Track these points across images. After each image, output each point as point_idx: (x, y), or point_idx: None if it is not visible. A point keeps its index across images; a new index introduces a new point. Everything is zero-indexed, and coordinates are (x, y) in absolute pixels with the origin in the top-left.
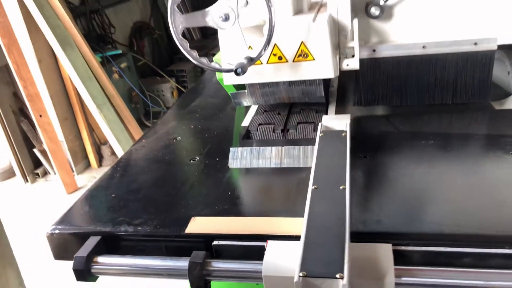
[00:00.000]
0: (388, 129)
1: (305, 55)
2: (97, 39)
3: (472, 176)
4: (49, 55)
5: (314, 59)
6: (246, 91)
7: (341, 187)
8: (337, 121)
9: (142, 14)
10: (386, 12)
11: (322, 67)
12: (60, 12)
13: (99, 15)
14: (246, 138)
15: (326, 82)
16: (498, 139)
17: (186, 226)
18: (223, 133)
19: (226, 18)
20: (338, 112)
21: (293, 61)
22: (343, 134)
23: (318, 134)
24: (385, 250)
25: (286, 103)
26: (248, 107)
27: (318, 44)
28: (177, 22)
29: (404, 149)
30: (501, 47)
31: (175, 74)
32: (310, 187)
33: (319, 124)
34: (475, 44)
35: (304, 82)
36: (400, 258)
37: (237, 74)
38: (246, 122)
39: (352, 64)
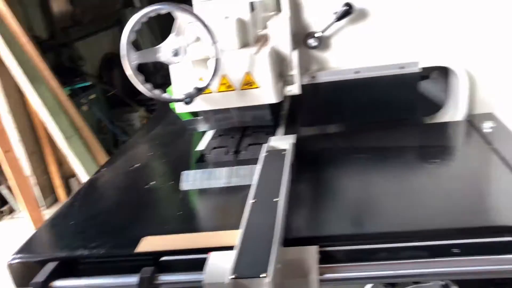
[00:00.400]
0: (329, 146)
1: (251, 84)
2: (67, 72)
3: (396, 184)
4: (16, 91)
5: (259, 87)
6: (199, 118)
7: (274, 200)
8: (282, 142)
9: (112, 45)
10: (323, 43)
11: (266, 93)
12: (27, 48)
13: (68, 48)
14: (201, 161)
15: (276, 106)
16: (422, 150)
17: (137, 245)
18: (180, 158)
19: (176, 54)
20: (286, 133)
21: (240, 89)
22: (282, 153)
23: (262, 154)
24: (311, 252)
25: (239, 127)
26: (204, 132)
27: (261, 74)
28: (131, 58)
29: (342, 163)
30: (437, 68)
31: (144, 103)
32: (250, 201)
33: (264, 144)
34: (401, 68)
35: (253, 107)
36: (327, 258)
37: (186, 103)
38: (202, 146)
39: (294, 90)
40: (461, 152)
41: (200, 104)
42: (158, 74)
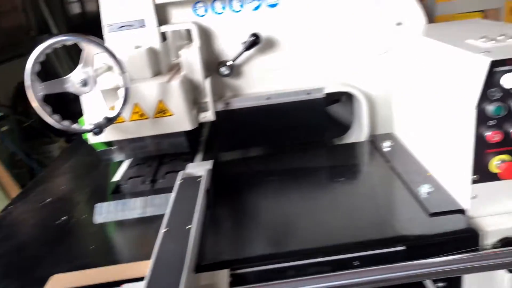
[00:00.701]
0: (245, 170)
1: (164, 112)
2: None
3: (306, 203)
4: None
5: (172, 114)
6: (114, 147)
7: (187, 227)
8: (198, 168)
9: None
10: (235, 71)
11: (180, 121)
12: None
13: None
14: (117, 192)
15: (194, 133)
16: (329, 170)
17: (44, 285)
18: (95, 190)
19: (85, 84)
20: (205, 159)
21: (154, 117)
22: (198, 180)
23: (177, 181)
24: (223, 276)
25: (157, 155)
26: (121, 162)
27: (174, 102)
28: (37, 90)
29: (257, 186)
30: (344, 93)
31: (64, 133)
32: (162, 230)
33: (180, 172)
34: (308, 93)
35: (168, 135)
36: (239, 281)
37: (95, 133)
38: (118, 177)
39: (208, 116)
40: (363, 170)
41: (112, 134)
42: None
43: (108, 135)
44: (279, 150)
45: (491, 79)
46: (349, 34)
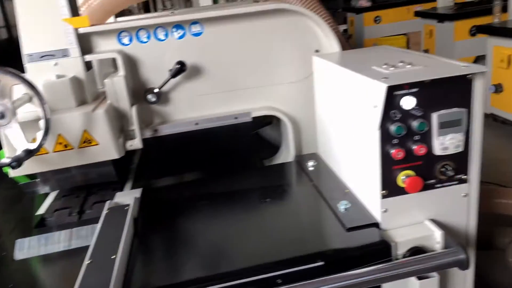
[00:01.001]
0: (176, 196)
1: (89, 141)
2: None
3: (233, 225)
4: None
5: (98, 144)
6: (38, 180)
7: (112, 257)
8: (127, 197)
9: None
10: (163, 98)
11: (106, 150)
12: None
13: None
14: (42, 226)
15: (123, 161)
16: (257, 191)
17: None
18: (18, 225)
19: (2, 116)
20: (135, 187)
21: (79, 147)
22: (125, 208)
23: (104, 211)
24: None
25: (85, 186)
26: (47, 195)
27: (99, 131)
28: None
29: (187, 211)
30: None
31: None
32: (85, 262)
33: (108, 201)
34: (236, 118)
35: (95, 164)
36: None
37: (12, 167)
38: (43, 210)
39: (136, 144)
40: (288, 190)
41: (35, 166)
42: None
43: (30, 167)
44: (210, 175)
45: (392, 102)
46: (273, 60)
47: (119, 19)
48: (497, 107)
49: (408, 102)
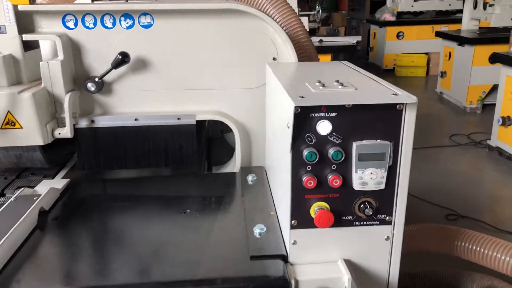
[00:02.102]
0: (99, 193)
1: (13, 123)
2: None
3: (139, 232)
4: None
5: (22, 127)
6: None
7: None
8: (54, 184)
9: None
10: (106, 88)
11: (30, 135)
12: None
13: None
14: None
15: (65, 149)
16: (184, 199)
17: None
18: None
19: None
20: (67, 176)
21: (1, 128)
22: (34, 198)
23: (11, 199)
24: None
25: (21, 167)
26: None
27: (24, 115)
28: None
29: (100, 212)
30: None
31: None
32: None
33: (23, 188)
34: (178, 118)
35: (21, 148)
36: None
37: None
38: None
39: (64, 133)
40: (215, 203)
41: None
42: None
43: None
44: (146, 175)
45: (308, 124)
46: (226, 63)
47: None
48: (504, 141)
49: (323, 127)
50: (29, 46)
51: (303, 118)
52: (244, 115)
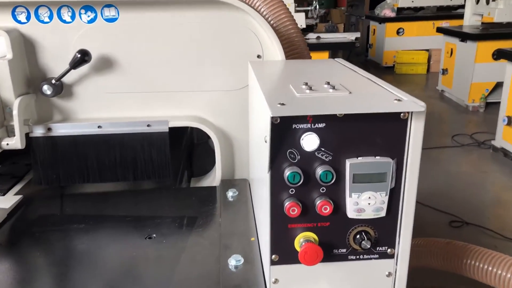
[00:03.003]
0: (55, 212)
1: None
2: None
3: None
4: None
5: None
6: None
7: None
8: (1, 203)
9: None
10: (66, 91)
11: None
12: None
13: None
14: None
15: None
16: (152, 220)
17: None
18: None
19: None
20: (22, 191)
21: None
22: None
23: None
24: None
25: None
26: None
27: None
28: None
29: (52, 234)
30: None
31: None
32: None
33: None
34: (149, 125)
35: None
36: None
37: None
38: None
39: (13, 144)
40: (186, 226)
41: None
42: None
43: None
44: (112, 190)
45: (290, 138)
46: (204, 61)
47: None
48: (509, 141)
49: (309, 141)
50: None
51: (284, 130)
52: (225, 120)
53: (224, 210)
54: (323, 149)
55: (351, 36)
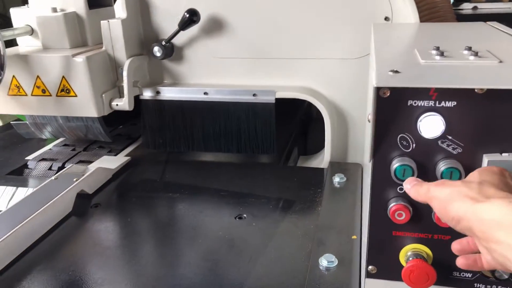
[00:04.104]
0: (155, 178)
1: (67, 91)
2: None
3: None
4: None
5: (76, 96)
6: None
7: None
8: (109, 163)
9: None
10: (177, 54)
11: (84, 105)
12: None
13: None
14: (18, 174)
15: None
16: (243, 199)
17: None
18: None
19: None
20: (133, 153)
21: (57, 95)
22: (74, 179)
23: (52, 177)
24: None
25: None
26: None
27: (79, 81)
28: None
29: (149, 202)
30: None
31: None
32: None
33: (72, 165)
34: (254, 95)
35: (82, 119)
36: None
37: None
38: (34, 155)
39: (122, 105)
40: (281, 210)
41: (13, 107)
42: None
43: (9, 107)
44: (215, 161)
45: (404, 118)
46: (319, 27)
47: None
48: None
49: (431, 125)
50: (97, 3)
51: (395, 107)
52: (339, 94)
53: (326, 197)
54: (449, 137)
55: None
